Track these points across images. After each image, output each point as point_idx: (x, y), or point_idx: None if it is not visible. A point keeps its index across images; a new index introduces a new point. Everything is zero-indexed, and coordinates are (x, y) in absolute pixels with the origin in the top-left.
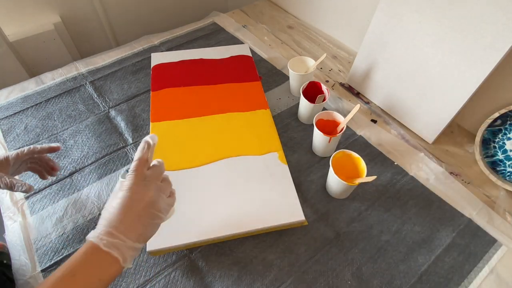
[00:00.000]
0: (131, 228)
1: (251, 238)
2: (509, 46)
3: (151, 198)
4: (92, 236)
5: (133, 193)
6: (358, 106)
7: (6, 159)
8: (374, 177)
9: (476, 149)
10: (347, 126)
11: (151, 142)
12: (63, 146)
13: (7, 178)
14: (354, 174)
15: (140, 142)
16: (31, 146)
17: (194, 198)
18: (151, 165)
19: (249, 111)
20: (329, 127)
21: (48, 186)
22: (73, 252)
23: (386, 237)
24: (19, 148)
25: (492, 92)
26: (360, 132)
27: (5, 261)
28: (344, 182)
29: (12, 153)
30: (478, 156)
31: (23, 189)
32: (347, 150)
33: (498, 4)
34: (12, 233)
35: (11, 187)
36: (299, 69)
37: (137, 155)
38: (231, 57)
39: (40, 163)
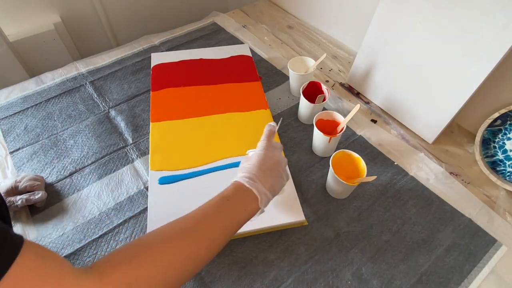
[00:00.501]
0: (265, 177)
1: (251, 238)
2: (509, 46)
3: (278, 158)
4: (237, 178)
5: (265, 152)
6: (358, 106)
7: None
8: (374, 177)
9: (476, 149)
10: (347, 126)
11: (275, 124)
12: (63, 146)
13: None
14: (354, 174)
15: (140, 143)
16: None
17: (195, 199)
18: None
19: (249, 111)
20: (329, 127)
21: (48, 187)
22: (73, 252)
23: (386, 237)
24: (19, 148)
25: (492, 92)
26: (360, 132)
27: None
28: (344, 182)
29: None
30: (478, 156)
31: (39, 196)
32: (347, 150)
33: (498, 4)
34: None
35: (29, 201)
36: (299, 69)
37: (266, 128)
38: (231, 57)
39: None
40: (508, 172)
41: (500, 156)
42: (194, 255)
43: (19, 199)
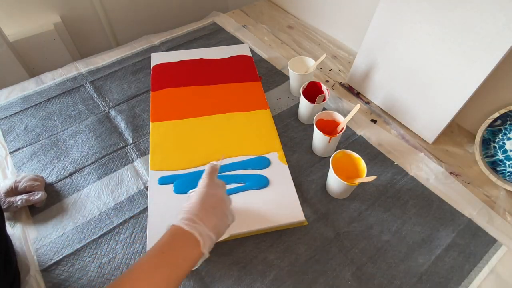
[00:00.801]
0: (208, 217)
1: (251, 238)
2: (509, 46)
3: (222, 196)
4: (175, 221)
5: (207, 189)
6: (358, 106)
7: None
8: (374, 177)
9: (476, 149)
10: (347, 126)
11: (217, 163)
12: (63, 146)
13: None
14: (354, 174)
15: (140, 143)
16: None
17: None
18: None
19: (249, 111)
20: (329, 127)
21: (48, 187)
22: (72, 252)
23: (386, 237)
24: (19, 148)
25: (492, 92)
26: (360, 132)
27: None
28: (344, 182)
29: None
30: (478, 156)
31: (39, 196)
32: (347, 150)
33: (498, 4)
34: (12, 233)
35: (29, 201)
36: (299, 69)
37: (208, 166)
38: (231, 57)
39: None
40: (508, 172)
41: (500, 156)
42: None
43: (19, 200)
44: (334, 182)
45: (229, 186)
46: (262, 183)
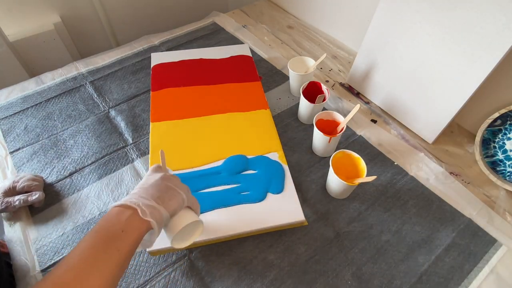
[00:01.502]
0: (145, 191)
1: (251, 238)
2: (509, 46)
3: (161, 175)
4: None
5: (144, 179)
6: (358, 106)
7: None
8: (374, 177)
9: (476, 149)
10: (347, 126)
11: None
12: (63, 146)
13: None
14: (354, 174)
15: (140, 143)
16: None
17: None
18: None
19: (249, 111)
20: (329, 127)
21: (48, 187)
22: None
23: (386, 237)
24: (19, 148)
25: (492, 92)
26: (360, 132)
27: (11, 262)
28: (344, 182)
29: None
30: (478, 156)
31: (36, 196)
32: (347, 150)
33: (498, 4)
34: (12, 233)
35: (26, 201)
36: (299, 69)
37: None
38: (231, 57)
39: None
40: (508, 172)
41: (500, 156)
42: None
43: (16, 200)
44: (334, 182)
45: (228, 187)
46: (260, 197)
